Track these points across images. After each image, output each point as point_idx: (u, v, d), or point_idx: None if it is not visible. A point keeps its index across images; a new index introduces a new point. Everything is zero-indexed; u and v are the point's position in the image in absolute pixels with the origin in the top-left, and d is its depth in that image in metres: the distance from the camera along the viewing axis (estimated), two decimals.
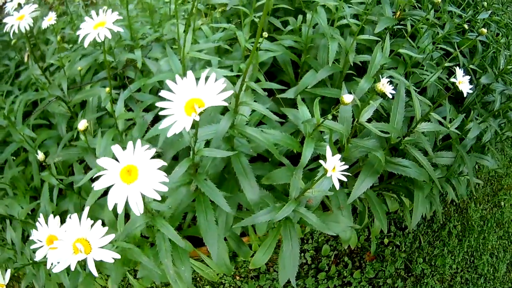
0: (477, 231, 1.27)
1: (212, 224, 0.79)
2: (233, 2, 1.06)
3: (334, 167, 0.60)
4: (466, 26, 0.92)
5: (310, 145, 0.74)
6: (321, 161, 0.61)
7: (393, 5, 1.09)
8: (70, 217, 0.53)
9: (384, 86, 0.65)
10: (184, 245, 0.74)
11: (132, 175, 0.47)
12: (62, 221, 0.99)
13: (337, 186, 0.60)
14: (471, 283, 1.20)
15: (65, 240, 0.52)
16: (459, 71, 0.68)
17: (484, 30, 0.88)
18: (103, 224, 0.52)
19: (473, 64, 1.00)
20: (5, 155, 0.94)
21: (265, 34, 0.85)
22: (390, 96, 0.65)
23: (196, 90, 0.52)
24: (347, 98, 0.64)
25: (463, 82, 0.68)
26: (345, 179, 0.60)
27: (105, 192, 0.59)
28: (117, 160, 0.49)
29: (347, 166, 0.61)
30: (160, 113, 0.50)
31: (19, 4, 0.87)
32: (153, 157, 0.49)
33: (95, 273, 0.50)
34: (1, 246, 0.92)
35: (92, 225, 0.52)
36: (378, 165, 0.79)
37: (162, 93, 0.51)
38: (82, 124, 0.65)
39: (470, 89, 0.70)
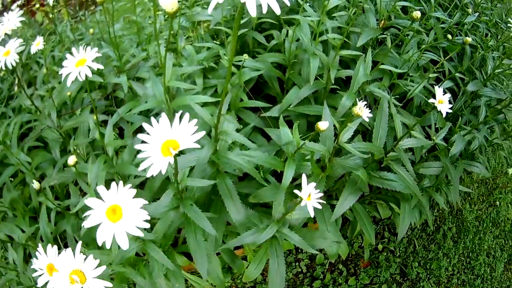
0: (473, 232, 1.27)
1: (201, 244, 0.81)
2: (216, 19, 1.07)
3: (309, 195, 0.62)
4: (450, 37, 0.91)
5: (291, 167, 0.75)
6: (296, 191, 0.63)
7: (378, 12, 1.09)
8: (65, 251, 0.57)
9: (361, 109, 0.65)
10: (173, 267, 0.77)
11: (117, 214, 0.51)
12: (62, 238, 1.02)
13: (312, 214, 0.61)
14: (468, 284, 1.21)
15: (62, 272, 0.56)
16: (438, 90, 0.68)
17: (469, 39, 0.88)
18: (99, 247, 0.56)
19: (461, 72, 1.00)
20: (3, 179, 0.97)
21: (245, 56, 0.86)
22: (367, 120, 0.66)
23: (171, 132, 0.54)
24: (323, 125, 0.65)
25: (443, 102, 0.68)
26: (320, 206, 0.62)
27: None
28: (102, 199, 0.52)
29: (321, 194, 0.62)
30: (138, 156, 0.52)
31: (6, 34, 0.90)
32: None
33: None
34: (4, 267, 0.96)
35: (85, 259, 0.56)
36: (360, 183, 0.80)
37: (140, 136, 0.53)
38: (71, 160, 0.68)
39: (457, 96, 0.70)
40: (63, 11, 1.21)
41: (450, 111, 0.69)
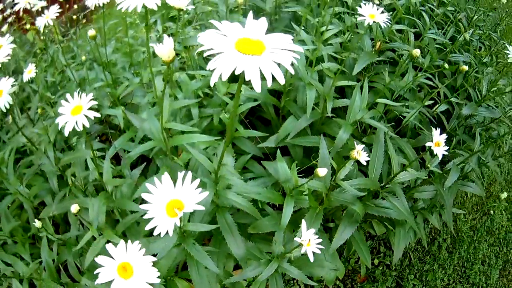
0: (467, 242, 1.30)
1: (203, 276, 0.83)
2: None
3: (309, 241, 0.64)
4: (446, 65, 0.92)
5: (290, 204, 0.77)
6: (296, 238, 0.64)
7: (372, 31, 1.09)
8: None
9: (359, 153, 0.67)
10: None
11: (128, 271, 0.53)
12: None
13: (311, 258, 0.63)
14: None
15: None
16: (435, 133, 0.69)
17: (465, 67, 0.88)
18: None
19: (456, 92, 1.00)
20: (1, 208, 0.98)
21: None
22: (365, 163, 0.67)
23: (175, 192, 0.55)
24: (322, 172, 0.66)
25: (440, 145, 0.69)
26: (319, 251, 0.63)
27: None
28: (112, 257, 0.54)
29: (321, 240, 0.64)
30: (145, 216, 0.54)
31: None
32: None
33: None
34: None
35: None
36: (356, 215, 0.81)
37: (144, 196, 0.55)
38: (74, 208, 0.69)
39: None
40: (54, 30, 1.19)
41: (446, 153, 0.70)
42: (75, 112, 0.66)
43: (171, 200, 0.55)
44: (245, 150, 1.01)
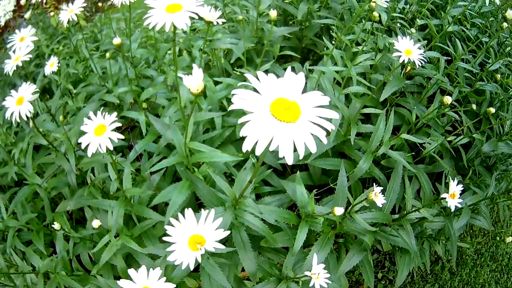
0: (470, 265, 1.32)
1: (214, 286, 0.87)
2: (240, 49, 1.06)
3: (318, 274, 0.66)
4: (474, 106, 0.90)
5: (304, 230, 0.79)
6: (306, 272, 0.67)
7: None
8: None
9: (376, 195, 0.68)
10: None
11: None
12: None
13: None
14: None
15: None
16: (452, 184, 0.70)
17: (492, 110, 0.87)
18: None
19: (478, 134, 0.99)
20: (19, 198, 1.00)
21: None
22: (380, 206, 0.68)
23: (197, 228, 0.57)
24: (338, 211, 0.68)
25: (455, 197, 0.69)
26: (326, 286, 0.66)
27: None
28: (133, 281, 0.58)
29: (329, 275, 0.66)
30: (167, 249, 0.56)
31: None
32: None
33: None
34: None
35: None
36: (366, 245, 0.83)
37: (167, 228, 0.58)
38: (96, 224, 0.73)
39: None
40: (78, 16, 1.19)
41: (460, 205, 0.71)
42: (98, 132, 0.66)
43: (193, 235, 0.57)
44: (265, 162, 1.02)
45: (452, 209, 0.70)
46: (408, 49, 0.76)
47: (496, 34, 1.09)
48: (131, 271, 0.59)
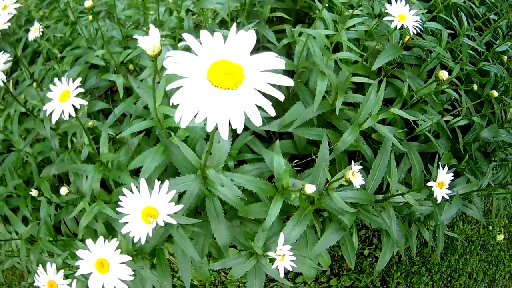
0: (460, 252, 1.29)
1: (187, 257, 0.86)
2: (225, 9, 1.00)
3: (283, 256, 0.63)
4: (475, 87, 0.83)
5: (278, 203, 0.75)
6: (270, 253, 0.64)
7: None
8: None
9: (354, 175, 0.63)
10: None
11: (104, 267, 0.58)
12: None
13: (282, 274, 0.63)
14: None
15: None
16: (442, 172, 0.64)
17: (495, 93, 0.80)
18: None
19: (478, 117, 0.92)
20: (6, 165, 1.00)
21: None
22: (358, 187, 0.64)
23: (150, 200, 0.55)
24: (309, 189, 0.64)
25: (443, 186, 0.64)
26: (290, 268, 0.63)
27: None
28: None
29: (294, 258, 0.64)
30: (121, 220, 0.55)
31: None
32: None
33: None
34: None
35: None
36: (344, 225, 0.80)
37: (121, 198, 0.56)
38: (63, 191, 0.75)
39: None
40: None
41: (447, 197, 0.66)
42: (62, 98, 0.65)
43: (146, 207, 0.55)
44: (248, 127, 0.98)
45: (439, 201, 0.65)
46: (402, 14, 0.70)
47: (506, 15, 1.00)
48: (88, 241, 0.59)
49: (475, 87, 0.85)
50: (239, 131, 0.35)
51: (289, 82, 0.38)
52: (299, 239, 0.89)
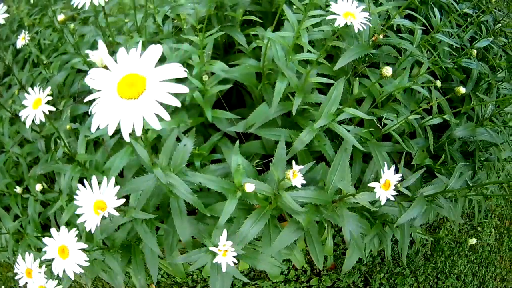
0: (447, 253, 1.26)
1: (154, 254, 0.90)
2: (193, 16, 1.02)
3: (225, 251, 0.65)
4: (438, 83, 0.82)
5: (232, 202, 0.77)
6: (212, 248, 0.66)
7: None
8: None
9: (294, 175, 0.64)
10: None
11: (65, 253, 0.64)
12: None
13: (224, 269, 0.66)
14: None
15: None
16: (387, 172, 0.64)
17: (462, 90, 0.78)
18: None
19: (451, 116, 0.89)
20: None
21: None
22: (299, 186, 0.65)
23: (100, 194, 0.60)
24: (249, 187, 0.66)
25: (388, 188, 0.64)
26: (232, 264, 0.65)
27: None
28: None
29: (235, 253, 0.65)
30: (76, 212, 0.62)
31: None
32: None
33: None
34: None
35: None
36: (301, 226, 0.81)
37: (77, 192, 0.62)
38: (38, 188, 0.83)
39: None
40: None
41: (392, 198, 0.65)
42: (35, 105, 0.72)
43: (97, 201, 0.60)
44: (220, 129, 1.00)
45: (383, 202, 0.64)
46: (349, 11, 0.69)
47: (488, 10, 0.97)
48: (52, 230, 0.65)
49: (438, 83, 0.83)
50: (137, 134, 0.39)
51: (184, 89, 0.41)
52: (263, 237, 0.91)
